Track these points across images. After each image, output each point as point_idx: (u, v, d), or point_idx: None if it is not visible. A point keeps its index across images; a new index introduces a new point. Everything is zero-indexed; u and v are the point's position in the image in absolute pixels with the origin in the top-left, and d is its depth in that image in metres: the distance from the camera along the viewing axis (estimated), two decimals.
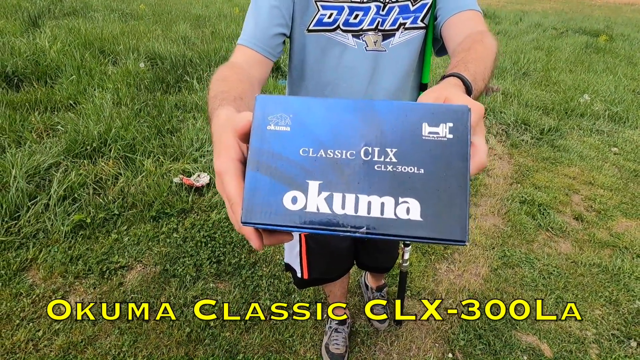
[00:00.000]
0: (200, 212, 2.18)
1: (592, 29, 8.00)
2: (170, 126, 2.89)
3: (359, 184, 0.26)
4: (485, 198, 2.57)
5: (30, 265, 1.78)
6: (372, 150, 0.27)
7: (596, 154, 3.23)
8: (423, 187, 0.26)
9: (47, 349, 1.44)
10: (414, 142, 0.27)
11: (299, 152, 0.27)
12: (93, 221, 2.00)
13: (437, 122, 0.27)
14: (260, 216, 0.26)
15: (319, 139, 0.27)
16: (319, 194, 0.26)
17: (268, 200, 0.26)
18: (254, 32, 0.72)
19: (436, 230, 0.25)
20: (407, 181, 0.26)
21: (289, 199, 0.26)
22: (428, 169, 0.26)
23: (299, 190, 0.26)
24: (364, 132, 0.27)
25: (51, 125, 2.74)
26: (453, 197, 0.25)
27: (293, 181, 0.26)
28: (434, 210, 0.25)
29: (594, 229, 2.33)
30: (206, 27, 5.71)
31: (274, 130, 0.28)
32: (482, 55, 0.55)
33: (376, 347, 1.55)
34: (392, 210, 0.25)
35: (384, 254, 1.29)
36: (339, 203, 0.26)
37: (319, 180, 0.26)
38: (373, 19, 0.78)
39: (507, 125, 3.56)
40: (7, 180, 2.07)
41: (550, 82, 4.79)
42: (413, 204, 0.25)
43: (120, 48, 4.19)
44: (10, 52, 3.64)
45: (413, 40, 0.82)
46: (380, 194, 0.26)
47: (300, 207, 0.26)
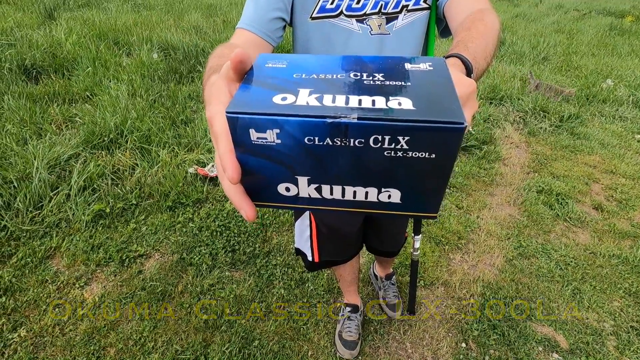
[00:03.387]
0: (215, 202, 2.21)
1: (617, 10, 7.64)
2: (184, 117, 2.92)
3: (349, 91, 0.27)
4: (501, 187, 2.53)
5: (54, 254, 1.84)
6: (361, 74, 0.29)
7: (619, 142, 3.12)
8: (412, 91, 0.26)
9: (72, 333, 1.51)
10: (398, 71, 0.29)
11: (292, 76, 0.29)
12: (112, 211, 2.06)
13: (417, 62, 0.31)
14: (246, 107, 0.25)
15: (312, 70, 0.29)
16: (309, 96, 0.26)
17: (257, 98, 0.26)
18: (252, 15, 0.73)
19: (429, 114, 0.24)
20: (397, 88, 0.27)
21: (279, 98, 0.26)
22: (415, 82, 0.27)
23: (289, 93, 0.26)
24: (352, 67, 0.30)
25: (69, 117, 2.80)
26: (442, 93, 0.26)
27: (284, 88, 0.27)
28: (426, 102, 0.25)
29: (614, 219, 2.27)
30: (217, 16, 5.69)
31: (270, 67, 0.30)
32: (483, 34, 0.55)
33: (389, 336, 1.57)
34: (384, 103, 0.25)
35: (388, 237, 1.31)
36: (329, 99, 0.26)
37: (309, 89, 0.27)
38: (376, 2, 0.77)
39: (525, 112, 3.46)
40: (29, 171, 2.14)
41: (572, 66, 4.62)
42: (405, 100, 0.25)
43: (133, 39, 4.22)
44: (29, 44, 3.71)
45: (417, 21, 0.81)
46: (371, 94, 0.26)
47: (290, 103, 0.25)
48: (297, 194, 0.29)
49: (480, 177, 2.61)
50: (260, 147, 0.26)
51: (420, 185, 0.27)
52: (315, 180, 0.28)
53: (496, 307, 1.68)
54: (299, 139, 0.25)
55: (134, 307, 1.61)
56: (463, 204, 2.33)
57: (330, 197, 0.29)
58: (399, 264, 1.89)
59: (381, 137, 0.24)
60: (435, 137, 0.24)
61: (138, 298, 1.65)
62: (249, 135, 0.26)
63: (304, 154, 0.26)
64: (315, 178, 0.28)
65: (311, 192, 0.29)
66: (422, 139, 0.24)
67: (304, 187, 0.28)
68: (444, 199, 2.37)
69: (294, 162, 0.27)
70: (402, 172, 0.26)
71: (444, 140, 0.24)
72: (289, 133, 0.25)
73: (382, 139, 0.24)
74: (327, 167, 0.27)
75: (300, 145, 0.25)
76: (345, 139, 0.25)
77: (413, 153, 0.25)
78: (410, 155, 0.25)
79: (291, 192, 0.29)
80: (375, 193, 0.28)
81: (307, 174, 0.28)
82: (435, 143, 0.24)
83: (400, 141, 0.24)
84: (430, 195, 0.28)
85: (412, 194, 0.28)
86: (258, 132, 0.25)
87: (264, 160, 0.27)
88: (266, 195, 0.30)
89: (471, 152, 2.88)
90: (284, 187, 0.29)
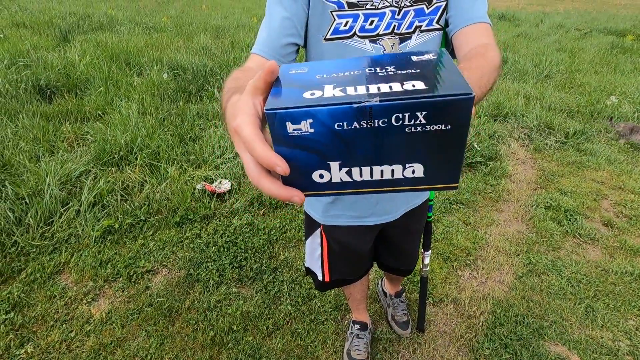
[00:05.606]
0: (222, 218, 2.22)
1: (618, 29, 7.75)
2: (193, 134, 2.97)
3: (367, 82, 0.31)
4: (508, 204, 2.51)
5: (63, 269, 1.85)
6: (375, 68, 0.33)
7: (625, 158, 3.11)
8: (422, 75, 0.30)
9: (79, 349, 1.50)
10: (407, 62, 0.33)
11: (315, 77, 0.33)
12: (121, 227, 2.08)
13: (422, 55, 0.35)
14: (281, 104, 0.29)
15: (331, 71, 0.34)
16: (334, 89, 0.30)
17: (289, 96, 0.30)
18: (265, 41, 0.75)
19: (441, 89, 0.28)
20: (408, 75, 0.31)
21: (308, 94, 0.30)
22: (423, 69, 0.31)
23: (316, 89, 0.30)
24: (366, 64, 0.34)
25: (81, 134, 2.87)
26: (448, 74, 0.30)
27: (310, 86, 0.31)
28: (435, 81, 0.29)
29: (625, 235, 2.24)
30: (225, 37, 5.87)
31: (294, 73, 0.34)
32: (481, 66, 0.59)
33: (398, 355, 1.54)
34: (400, 87, 0.29)
35: (403, 255, 1.29)
36: (352, 90, 0.29)
37: (333, 84, 0.31)
38: (389, 23, 0.79)
39: (530, 129, 3.48)
40: (41, 188, 2.17)
41: (575, 84, 4.66)
42: (417, 83, 0.29)
43: (144, 60, 4.35)
44: (44, 66, 3.84)
45: (430, 41, 0.83)
46: (387, 82, 0.30)
47: (319, 96, 0.29)
48: (330, 180, 0.32)
49: (487, 193, 2.61)
50: (296, 139, 0.30)
51: (440, 156, 0.30)
52: (346, 164, 0.31)
53: (507, 325, 1.65)
54: (330, 125, 0.28)
55: (141, 323, 1.60)
56: (470, 220, 2.32)
57: (360, 179, 0.32)
58: (407, 281, 1.87)
59: (402, 114, 0.28)
60: (449, 108, 0.27)
61: (145, 314, 1.64)
62: (286, 128, 0.29)
63: (335, 139, 0.29)
64: (345, 162, 0.31)
65: (342, 177, 0.32)
66: (437, 112, 0.28)
67: (335, 172, 0.32)
68: (451, 215, 2.36)
69: (326, 149, 0.30)
70: (423, 146, 0.30)
71: (456, 111, 0.28)
72: (320, 121, 0.28)
73: (402, 117, 0.28)
74: (356, 150, 0.30)
75: (331, 131, 0.29)
76: (370, 121, 0.28)
77: (431, 126, 0.28)
78: (429, 129, 0.28)
79: (325, 179, 0.32)
80: (400, 170, 0.31)
81: (338, 159, 0.31)
82: (449, 114, 0.28)
83: (419, 116, 0.28)
84: (450, 166, 0.31)
85: (434, 167, 0.31)
86: (294, 124, 0.29)
87: (300, 150, 0.30)
88: (303, 184, 0.33)
89: (477, 168, 2.88)
90: (319, 174, 0.32)
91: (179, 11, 8.20)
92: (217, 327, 1.60)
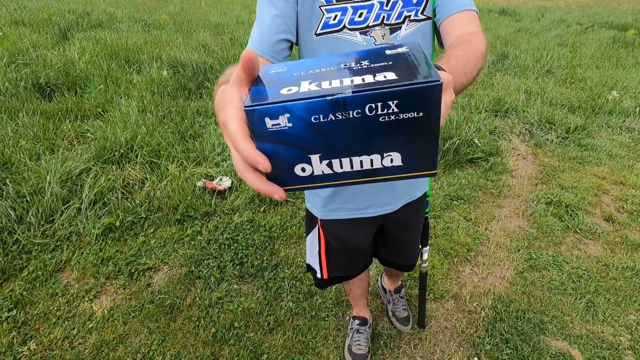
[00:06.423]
0: (223, 215, 2.23)
1: (620, 23, 7.71)
2: (193, 131, 2.97)
3: (341, 76, 0.32)
4: (508, 199, 2.51)
5: (64, 267, 1.86)
6: (350, 64, 0.34)
7: (627, 153, 3.10)
8: (394, 67, 0.31)
9: (81, 346, 1.51)
10: (380, 56, 0.34)
11: (293, 75, 0.34)
12: (122, 224, 2.08)
13: (395, 48, 0.36)
14: (259, 101, 0.30)
15: (308, 68, 0.35)
16: (310, 85, 0.31)
17: (267, 93, 0.31)
18: (257, 39, 0.76)
19: (410, 78, 0.29)
20: (381, 67, 0.32)
21: (285, 90, 0.31)
22: (395, 61, 0.32)
23: (293, 85, 0.31)
24: (341, 60, 0.35)
25: (81, 132, 2.87)
26: (419, 64, 0.31)
27: (288, 83, 0.32)
28: (406, 71, 0.30)
29: (626, 230, 2.23)
30: (225, 34, 5.84)
31: (273, 72, 0.35)
32: (466, 53, 0.60)
33: (399, 350, 1.55)
34: (372, 79, 0.30)
35: (403, 250, 1.29)
36: (327, 84, 0.30)
37: (309, 80, 0.32)
38: (378, 14, 0.79)
39: (531, 124, 3.47)
40: (42, 186, 2.18)
41: (576, 79, 4.64)
42: (389, 74, 0.30)
43: (144, 57, 4.34)
44: (43, 64, 3.83)
45: (420, 31, 0.82)
46: (360, 75, 0.31)
47: (295, 92, 0.30)
48: (312, 173, 0.33)
49: (487, 189, 2.60)
50: (275, 133, 0.30)
51: (416, 144, 0.31)
52: (326, 156, 0.32)
53: (508, 321, 1.65)
54: (307, 119, 0.29)
55: (142, 320, 1.61)
56: (471, 216, 2.32)
57: (341, 170, 0.33)
58: (407, 277, 1.87)
59: (374, 104, 0.29)
60: (419, 96, 0.28)
61: (147, 311, 1.65)
62: (265, 124, 0.30)
63: (312, 132, 0.30)
64: (325, 154, 0.32)
65: (324, 169, 0.33)
66: (408, 100, 0.29)
67: (317, 164, 0.33)
68: (452, 211, 2.36)
69: (305, 142, 0.31)
70: (398, 134, 0.30)
71: (427, 98, 0.29)
72: (297, 115, 0.29)
73: (375, 107, 0.29)
74: (334, 142, 0.31)
75: (309, 124, 0.30)
76: (345, 112, 0.29)
77: (403, 115, 0.29)
78: (402, 117, 0.29)
79: (307, 172, 0.33)
80: (379, 159, 0.32)
81: (318, 151, 0.32)
82: (419, 101, 0.29)
83: (391, 105, 0.29)
84: (426, 153, 0.32)
85: (411, 154, 0.32)
86: (272, 119, 0.30)
87: (280, 145, 0.31)
88: (286, 178, 0.33)
89: (478, 164, 2.88)
90: (300, 167, 0.33)
91: (178, 8, 8.17)
92: (218, 324, 1.60)
